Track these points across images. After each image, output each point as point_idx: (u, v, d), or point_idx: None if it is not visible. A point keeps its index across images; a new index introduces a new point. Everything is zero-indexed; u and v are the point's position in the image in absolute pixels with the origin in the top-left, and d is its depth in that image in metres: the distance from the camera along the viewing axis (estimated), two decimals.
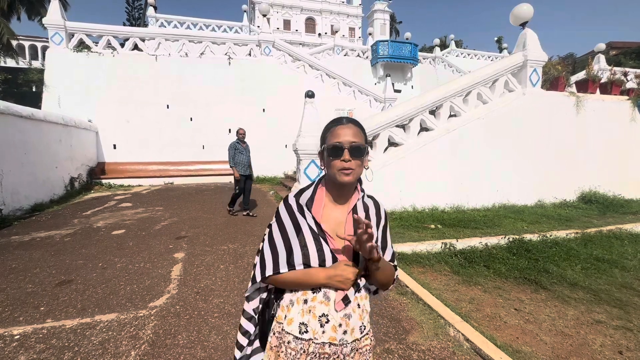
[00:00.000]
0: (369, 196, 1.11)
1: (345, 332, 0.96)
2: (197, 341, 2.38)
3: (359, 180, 1.07)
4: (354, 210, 1.04)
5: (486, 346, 2.27)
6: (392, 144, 6.07)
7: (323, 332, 0.94)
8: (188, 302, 2.95)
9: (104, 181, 9.34)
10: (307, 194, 1.04)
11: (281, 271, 0.98)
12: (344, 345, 0.95)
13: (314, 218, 1.00)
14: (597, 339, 2.53)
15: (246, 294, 1.13)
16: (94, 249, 4.30)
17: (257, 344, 1.12)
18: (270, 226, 1.07)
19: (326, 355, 0.94)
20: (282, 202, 1.07)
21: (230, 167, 5.97)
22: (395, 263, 1.11)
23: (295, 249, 0.98)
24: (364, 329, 1.00)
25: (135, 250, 4.28)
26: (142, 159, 10.14)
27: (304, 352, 0.94)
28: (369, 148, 1.06)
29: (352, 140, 0.97)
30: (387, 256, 1.08)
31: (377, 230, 1.07)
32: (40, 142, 7.06)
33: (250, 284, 1.10)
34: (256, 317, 1.12)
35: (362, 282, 1.01)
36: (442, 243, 4.30)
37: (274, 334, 1.01)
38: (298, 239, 0.99)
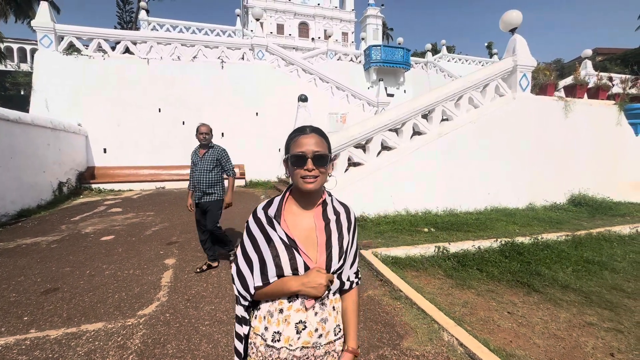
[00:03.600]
0: (339, 202, 1.13)
1: (320, 336, 1.00)
2: (187, 350, 2.32)
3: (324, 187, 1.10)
4: (324, 215, 1.06)
5: (480, 350, 2.26)
6: (385, 147, 6.09)
7: (299, 338, 0.98)
8: (178, 310, 2.88)
9: (93, 186, 9.17)
10: (275, 205, 1.05)
11: (256, 285, 1.00)
12: (317, 347, 0.99)
13: (284, 231, 1.01)
14: (589, 341, 2.55)
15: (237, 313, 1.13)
16: (81, 256, 4.20)
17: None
18: (242, 242, 1.07)
19: (296, 358, 0.97)
20: (251, 216, 1.07)
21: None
22: (359, 277, 1.15)
23: (267, 260, 0.99)
24: (339, 331, 1.05)
25: (125, 256, 4.19)
26: (133, 163, 9.98)
27: (277, 358, 0.98)
28: (332, 156, 1.10)
29: (315, 149, 0.99)
30: (354, 269, 1.12)
31: (349, 234, 1.08)
32: (28, 146, 6.90)
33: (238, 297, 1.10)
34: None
35: (333, 286, 1.03)
36: (436, 246, 4.30)
37: (252, 344, 1.04)
38: (270, 248, 0.99)
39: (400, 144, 6.03)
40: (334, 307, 1.04)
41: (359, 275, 1.15)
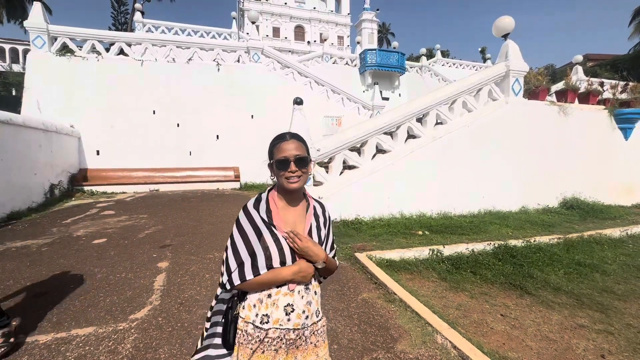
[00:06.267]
0: (316, 200, 1.30)
1: (307, 317, 1.12)
2: (179, 355, 2.30)
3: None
4: (306, 211, 1.21)
5: (473, 353, 2.27)
6: (380, 151, 6.12)
7: (288, 319, 1.09)
8: (171, 314, 2.85)
9: (86, 188, 9.05)
10: (264, 205, 1.17)
11: (247, 278, 1.09)
12: (305, 328, 1.12)
13: (275, 229, 1.13)
14: (581, 343, 2.57)
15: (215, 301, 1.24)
16: (72, 259, 4.13)
17: (218, 340, 1.23)
18: (232, 237, 1.16)
19: (291, 340, 1.09)
20: (241, 211, 1.17)
21: None
22: (335, 254, 1.32)
23: (258, 252, 1.10)
24: (319, 313, 1.20)
25: (117, 259, 4.13)
26: (126, 165, 9.88)
27: (270, 338, 1.07)
28: (311, 158, 1.26)
29: (295, 153, 1.13)
30: (332, 254, 1.28)
31: (325, 227, 1.24)
32: (19, 147, 6.80)
33: (219, 290, 1.20)
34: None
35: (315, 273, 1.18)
36: (430, 249, 4.32)
37: (242, 331, 1.11)
38: (260, 243, 1.10)
39: (395, 147, 6.06)
40: (315, 292, 1.18)
41: (336, 258, 1.31)
